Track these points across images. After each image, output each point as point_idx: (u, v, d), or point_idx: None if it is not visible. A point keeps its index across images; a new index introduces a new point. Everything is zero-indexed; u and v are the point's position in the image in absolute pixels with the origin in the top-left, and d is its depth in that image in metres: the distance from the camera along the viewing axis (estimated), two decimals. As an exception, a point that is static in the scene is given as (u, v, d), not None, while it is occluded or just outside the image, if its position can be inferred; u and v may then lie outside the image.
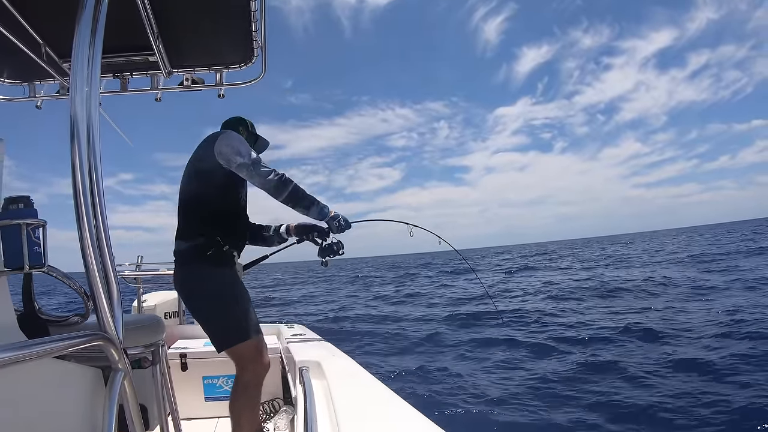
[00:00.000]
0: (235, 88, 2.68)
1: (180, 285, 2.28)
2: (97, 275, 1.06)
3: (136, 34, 2.12)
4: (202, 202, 2.25)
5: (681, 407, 4.65)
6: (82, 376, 1.10)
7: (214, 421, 3.25)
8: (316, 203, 2.34)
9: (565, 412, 4.86)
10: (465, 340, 8.67)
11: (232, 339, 2.15)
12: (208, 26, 2.26)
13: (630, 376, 5.67)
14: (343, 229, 2.47)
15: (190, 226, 2.25)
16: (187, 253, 2.21)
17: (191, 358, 3.34)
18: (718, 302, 9.96)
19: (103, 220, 1.09)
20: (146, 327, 1.78)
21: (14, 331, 1.02)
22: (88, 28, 1.14)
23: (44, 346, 0.84)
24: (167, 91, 2.64)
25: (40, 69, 2.33)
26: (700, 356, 6.10)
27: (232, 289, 2.21)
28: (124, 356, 1.11)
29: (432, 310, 13.09)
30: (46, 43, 2.20)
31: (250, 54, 2.47)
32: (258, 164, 2.21)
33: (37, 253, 1.04)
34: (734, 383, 5.11)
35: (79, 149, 1.06)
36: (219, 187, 2.26)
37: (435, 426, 1.23)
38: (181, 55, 2.46)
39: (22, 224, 1.01)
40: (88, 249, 1.04)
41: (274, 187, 2.22)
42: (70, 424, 1.04)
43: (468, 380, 6.19)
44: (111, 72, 2.49)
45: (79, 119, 1.08)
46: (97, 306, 1.06)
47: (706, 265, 18.40)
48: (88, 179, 1.07)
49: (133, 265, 4.38)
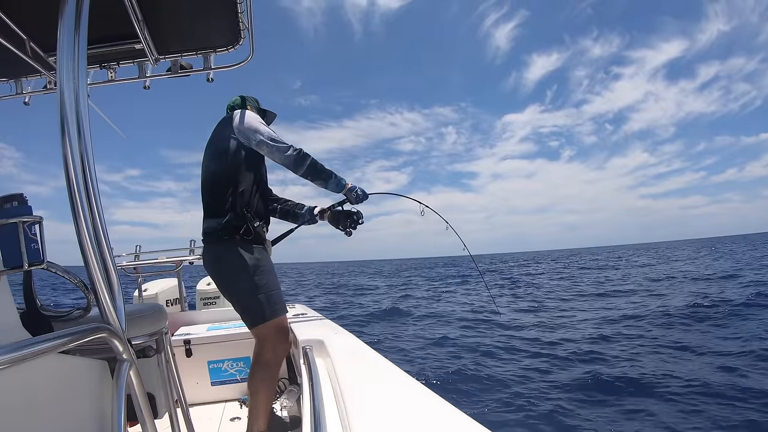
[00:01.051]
0: (224, 71, 2.65)
1: (210, 263, 2.35)
2: (96, 268, 1.06)
3: (120, 22, 2.08)
4: (228, 179, 2.30)
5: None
6: (89, 370, 1.11)
7: (222, 405, 3.30)
8: (334, 176, 2.45)
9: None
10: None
11: (265, 315, 2.22)
12: (193, 10, 2.22)
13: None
14: (361, 199, 2.61)
15: (218, 203, 2.30)
16: (219, 230, 2.26)
17: (195, 344, 3.38)
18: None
19: (98, 213, 1.09)
20: (149, 316, 1.78)
21: (18, 329, 1.02)
22: (72, 20, 1.12)
23: (49, 342, 0.85)
24: (155, 78, 2.61)
25: (26, 65, 2.30)
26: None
27: (261, 265, 2.27)
28: (128, 346, 1.12)
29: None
30: (30, 39, 2.16)
31: (236, 36, 2.44)
32: (276, 140, 2.30)
33: (35, 249, 1.04)
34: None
35: (70, 143, 1.06)
36: (242, 165, 2.32)
37: (442, 400, 1.25)
38: (168, 41, 2.42)
39: (18, 222, 1.00)
40: (85, 242, 1.05)
41: (294, 161, 2.31)
42: (80, 418, 1.05)
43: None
44: (97, 63, 2.45)
45: (68, 113, 1.07)
46: (99, 298, 1.07)
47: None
48: (81, 172, 1.06)
49: (132, 255, 4.39)
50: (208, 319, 4.02)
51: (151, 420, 1.28)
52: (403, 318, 12.05)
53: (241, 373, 3.38)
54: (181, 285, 4.59)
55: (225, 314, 4.03)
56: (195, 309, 4.82)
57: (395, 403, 1.30)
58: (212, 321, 3.96)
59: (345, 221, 2.67)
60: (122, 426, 1.05)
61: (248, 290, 2.23)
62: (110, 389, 1.12)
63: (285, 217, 2.80)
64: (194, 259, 4.34)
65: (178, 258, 4.41)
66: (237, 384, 3.38)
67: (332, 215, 2.72)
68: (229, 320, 3.88)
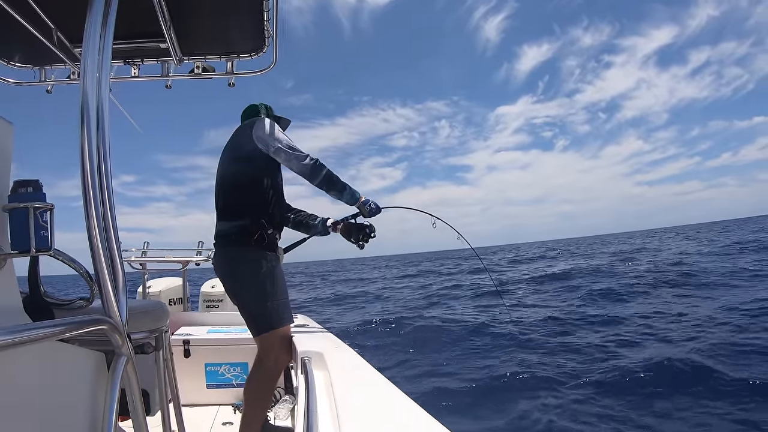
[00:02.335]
0: (246, 77, 2.68)
1: (222, 266, 2.34)
2: (103, 260, 1.06)
3: (147, 20, 2.12)
4: (245, 184, 2.31)
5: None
6: (85, 360, 1.11)
7: (215, 408, 3.27)
8: (348, 188, 2.45)
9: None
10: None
11: (271, 324, 2.21)
12: (220, 14, 2.26)
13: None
14: (374, 213, 2.60)
15: (233, 207, 2.31)
16: (232, 234, 2.26)
17: (194, 345, 3.37)
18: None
19: (111, 206, 1.10)
20: (150, 312, 1.78)
21: (19, 313, 1.03)
22: (100, 14, 1.14)
23: (48, 328, 0.85)
24: (177, 78, 2.64)
25: (51, 54, 2.34)
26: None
27: (273, 273, 2.26)
28: (127, 341, 1.12)
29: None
30: (57, 28, 2.20)
31: (261, 43, 2.47)
32: (294, 148, 2.30)
33: (44, 236, 1.04)
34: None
35: (88, 134, 1.07)
36: (259, 171, 2.33)
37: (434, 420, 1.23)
38: (193, 42, 2.46)
39: (30, 207, 1.01)
40: (94, 233, 1.05)
41: (310, 170, 2.30)
42: (72, 407, 1.05)
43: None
44: (122, 58, 2.49)
45: (89, 104, 1.08)
46: (102, 290, 1.07)
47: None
48: (97, 165, 1.07)
49: (140, 251, 4.42)
50: (210, 322, 4.02)
51: (144, 416, 1.27)
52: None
53: (237, 378, 3.36)
54: (185, 285, 4.60)
55: (227, 318, 4.02)
56: (198, 310, 4.82)
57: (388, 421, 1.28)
58: (213, 324, 3.96)
59: (357, 234, 2.67)
60: (113, 419, 1.04)
61: (258, 297, 2.22)
62: (105, 382, 1.11)
63: (298, 227, 2.80)
64: (201, 261, 4.35)
65: (185, 258, 4.43)
66: (232, 389, 3.36)
67: (345, 228, 2.71)
68: (231, 324, 3.87)
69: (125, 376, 1.13)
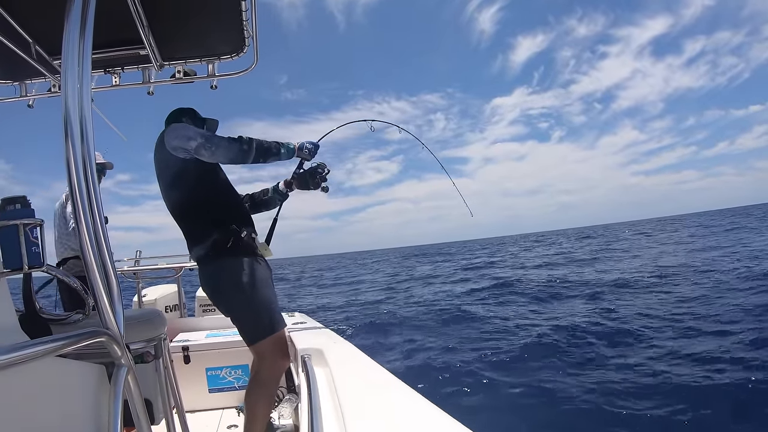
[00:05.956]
0: (228, 78, 2.66)
1: (206, 285, 2.25)
2: (96, 272, 1.06)
3: (125, 28, 2.10)
4: (196, 204, 2.21)
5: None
6: (86, 374, 1.10)
7: (219, 413, 3.28)
8: (282, 145, 2.29)
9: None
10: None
11: (263, 331, 2.13)
12: (198, 17, 2.24)
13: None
14: (313, 153, 2.45)
15: (198, 228, 2.21)
16: (209, 253, 2.17)
17: (193, 351, 3.36)
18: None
19: (99, 217, 1.09)
20: (147, 321, 1.78)
21: (16, 331, 1.02)
22: (78, 24, 1.13)
23: (46, 345, 0.85)
24: (159, 84, 2.62)
25: (31, 67, 2.31)
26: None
27: (254, 280, 2.16)
28: (126, 351, 1.12)
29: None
30: (35, 42, 2.17)
31: (241, 44, 2.46)
32: (211, 138, 2.12)
33: (36, 252, 1.04)
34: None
35: (73, 147, 1.06)
36: (201, 183, 2.20)
37: (438, 410, 1.24)
38: (172, 47, 2.44)
39: (19, 224, 1.00)
40: (86, 246, 1.04)
41: (239, 151, 2.13)
42: (76, 422, 1.04)
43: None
44: (102, 67, 2.47)
45: (71, 116, 1.07)
46: (98, 302, 1.06)
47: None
48: (83, 177, 1.06)
49: (132, 260, 4.40)
50: (207, 326, 4.01)
51: (148, 426, 1.27)
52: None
53: (239, 381, 3.36)
54: (180, 291, 4.59)
55: (224, 321, 4.00)
56: (194, 316, 4.81)
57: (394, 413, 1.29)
58: (211, 328, 3.95)
59: (312, 179, 2.58)
60: (118, 430, 1.04)
61: (243, 307, 2.16)
62: (107, 394, 1.11)
63: (257, 209, 2.71)
64: (194, 266, 4.33)
65: (178, 264, 4.41)
66: (235, 391, 3.36)
67: (298, 180, 2.63)
68: (228, 327, 3.87)
69: (127, 387, 1.13)
